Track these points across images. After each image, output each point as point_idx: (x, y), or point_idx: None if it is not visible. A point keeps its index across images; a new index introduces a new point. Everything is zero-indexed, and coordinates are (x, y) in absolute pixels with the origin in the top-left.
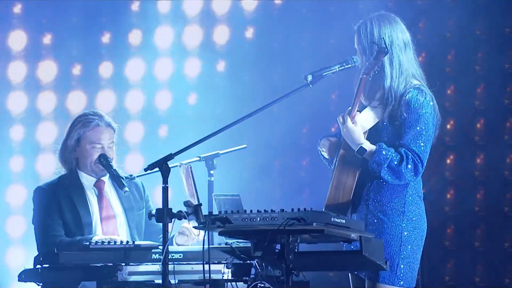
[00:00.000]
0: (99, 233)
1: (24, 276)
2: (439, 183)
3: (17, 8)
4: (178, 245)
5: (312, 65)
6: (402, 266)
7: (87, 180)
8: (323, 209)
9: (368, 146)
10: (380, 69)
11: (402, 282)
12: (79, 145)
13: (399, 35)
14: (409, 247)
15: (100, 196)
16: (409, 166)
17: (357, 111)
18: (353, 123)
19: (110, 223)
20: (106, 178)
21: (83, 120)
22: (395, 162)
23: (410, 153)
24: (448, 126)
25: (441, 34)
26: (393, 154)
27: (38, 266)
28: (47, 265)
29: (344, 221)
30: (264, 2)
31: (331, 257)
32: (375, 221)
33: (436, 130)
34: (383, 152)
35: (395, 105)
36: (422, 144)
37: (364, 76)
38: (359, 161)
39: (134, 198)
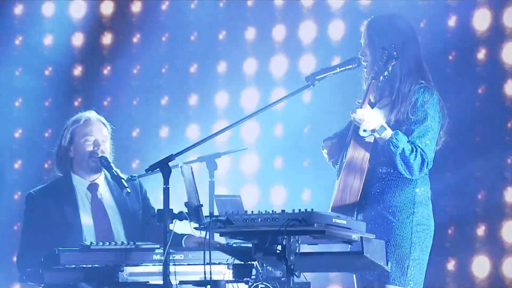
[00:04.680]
0: (92, 237)
1: (26, 277)
2: (440, 183)
3: None
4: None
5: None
6: (412, 267)
7: (80, 183)
8: (329, 211)
9: (387, 127)
10: (391, 70)
11: (412, 284)
12: (73, 142)
13: (411, 38)
14: (418, 248)
15: (93, 199)
16: (417, 159)
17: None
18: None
19: (104, 227)
20: (100, 181)
21: (74, 119)
22: (407, 150)
23: (418, 148)
24: (449, 127)
25: (441, 35)
26: (407, 143)
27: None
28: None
29: (345, 222)
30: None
31: (332, 258)
32: (384, 222)
33: (444, 134)
34: (400, 134)
35: (402, 104)
36: (428, 141)
37: (373, 81)
38: (366, 163)
39: (131, 199)
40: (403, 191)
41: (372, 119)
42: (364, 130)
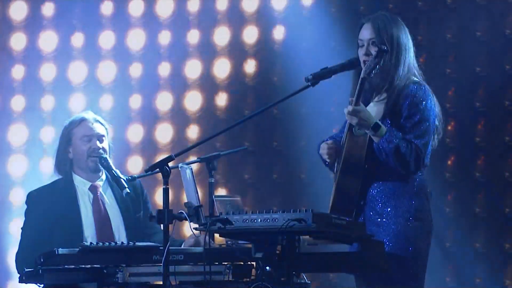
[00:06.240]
0: (93, 238)
1: (25, 277)
2: (440, 184)
3: None
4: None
5: (315, 66)
6: (412, 266)
7: (81, 183)
8: (328, 212)
9: (381, 124)
10: (390, 67)
11: (412, 283)
12: (71, 143)
13: (408, 37)
14: (418, 247)
15: (95, 200)
16: (413, 155)
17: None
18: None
19: (105, 227)
20: (101, 182)
21: (71, 120)
22: (402, 147)
23: (413, 144)
24: (449, 128)
25: (441, 36)
26: (402, 140)
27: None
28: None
29: (344, 222)
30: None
31: (332, 258)
32: (383, 222)
33: (440, 131)
34: (394, 131)
35: (398, 100)
36: (422, 137)
37: (366, 77)
38: (363, 162)
39: (132, 200)
40: (401, 190)
41: (365, 117)
42: (359, 128)
